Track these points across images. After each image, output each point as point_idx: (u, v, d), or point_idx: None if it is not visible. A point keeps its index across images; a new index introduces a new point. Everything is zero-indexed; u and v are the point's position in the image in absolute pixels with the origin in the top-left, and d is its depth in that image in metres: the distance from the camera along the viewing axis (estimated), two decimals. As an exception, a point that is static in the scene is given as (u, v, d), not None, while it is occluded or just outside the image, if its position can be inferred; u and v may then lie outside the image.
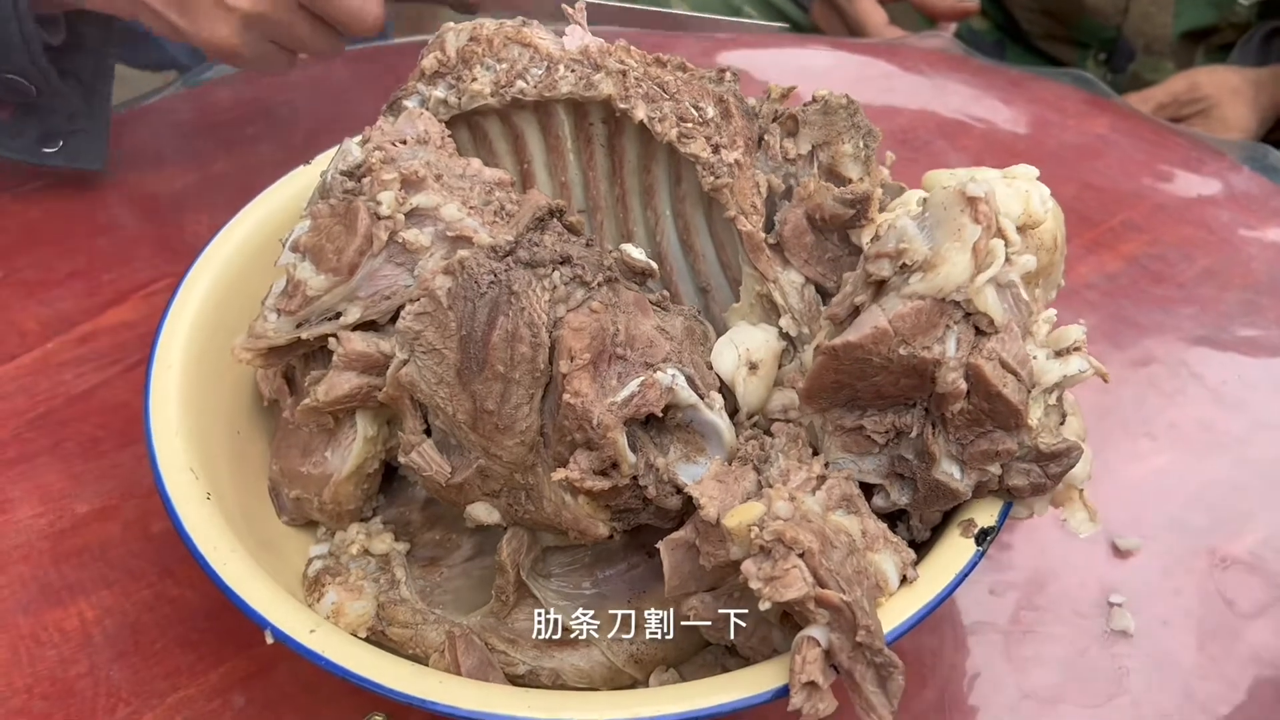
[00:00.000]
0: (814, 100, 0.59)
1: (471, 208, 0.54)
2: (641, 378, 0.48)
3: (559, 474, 0.48)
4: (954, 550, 0.50)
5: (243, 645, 0.60)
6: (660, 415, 0.49)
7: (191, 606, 0.62)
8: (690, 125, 0.56)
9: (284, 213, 0.67)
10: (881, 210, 0.56)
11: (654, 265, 0.53)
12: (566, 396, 0.47)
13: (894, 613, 0.47)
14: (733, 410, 0.54)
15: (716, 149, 0.56)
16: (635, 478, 0.49)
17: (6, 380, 0.74)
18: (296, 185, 0.68)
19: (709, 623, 0.50)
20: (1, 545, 0.65)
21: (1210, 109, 1.14)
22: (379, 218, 0.53)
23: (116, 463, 0.70)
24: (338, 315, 0.55)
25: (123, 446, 0.71)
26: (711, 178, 0.55)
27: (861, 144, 0.58)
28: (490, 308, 0.48)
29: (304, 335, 0.55)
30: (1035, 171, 0.57)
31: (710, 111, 0.57)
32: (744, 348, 0.54)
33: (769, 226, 0.57)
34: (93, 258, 0.83)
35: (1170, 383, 0.76)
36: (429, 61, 0.60)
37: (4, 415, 0.72)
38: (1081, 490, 0.52)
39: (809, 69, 1.02)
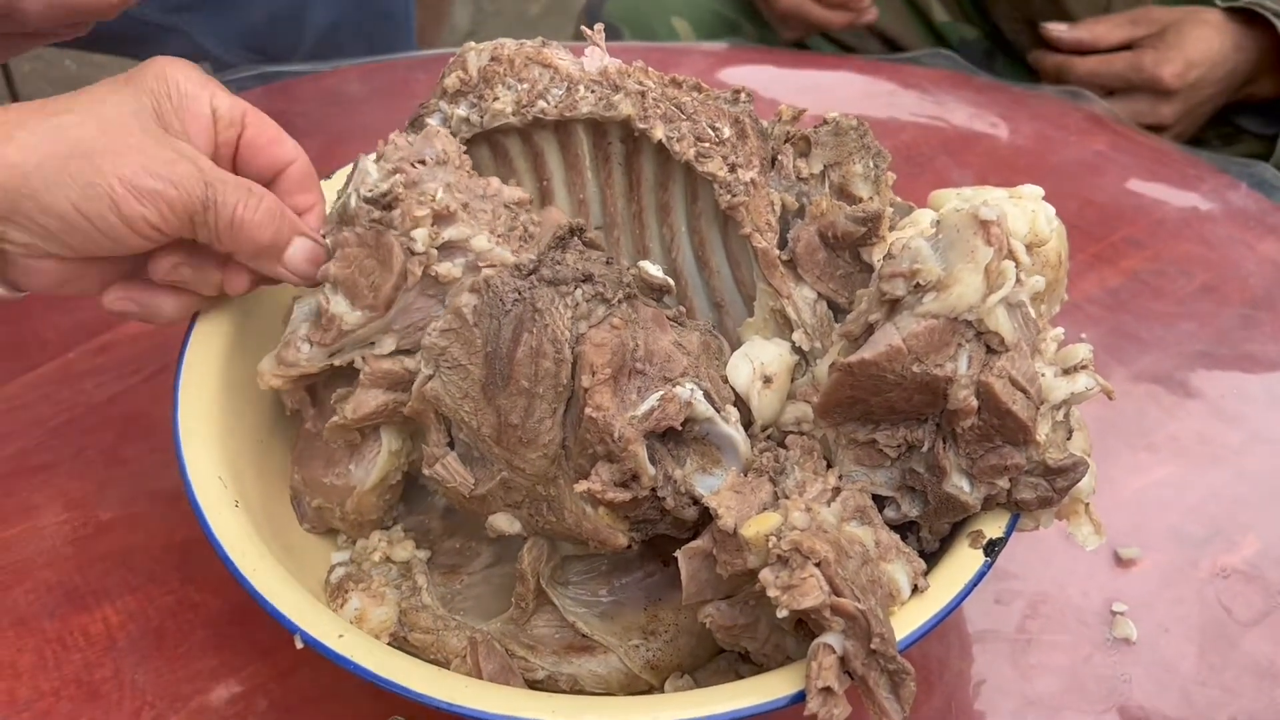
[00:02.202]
0: (825, 122, 0.60)
1: (499, 236, 0.55)
2: (661, 392, 0.50)
3: (581, 486, 0.50)
4: (963, 560, 0.51)
5: (265, 650, 0.61)
6: (678, 428, 0.50)
7: (214, 612, 0.64)
8: (707, 145, 0.57)
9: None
10: (891, 229, 0.58)
11: (671, 282, 0.55)
12: (588, 410, 0.49)
13: (906, 621, 0.49)
14: (747, 422, 0.55)
15: (733, 168, 0.57)
16: (654, 489, 0.50)
17: (29, 389, 0.76)
18: (319, 198, 0.69)
19: (725, 629, 0.52)
20: (27, 551, 0.66)
21: (1166, 30, 1.09)
22: (413, 253, 0.54)
23: (138, 470, 0.71)
24: (371, 344, 0.56)
25: (144, 454, 0.72)
26: (728, 196, 0.57)
27: (871, 164, 0.60)
28: (515, 324, 0.50)
29: (337, 363, 0.56)
30: (1041, 191, 0.59)
31: (726, 131, 0.58)
32: (758, 361, 0.55)
33: (782, 244, 0.58)
34: (112, 268, 0.84)
35: (1170, 396, 0.78)
36: (451, 80, 0.61)
37: (27, 423, 0.73)
38: (1087, 504, 0.54)
39: (814, 87, 1.04)
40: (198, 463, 0.56)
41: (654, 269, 0.55)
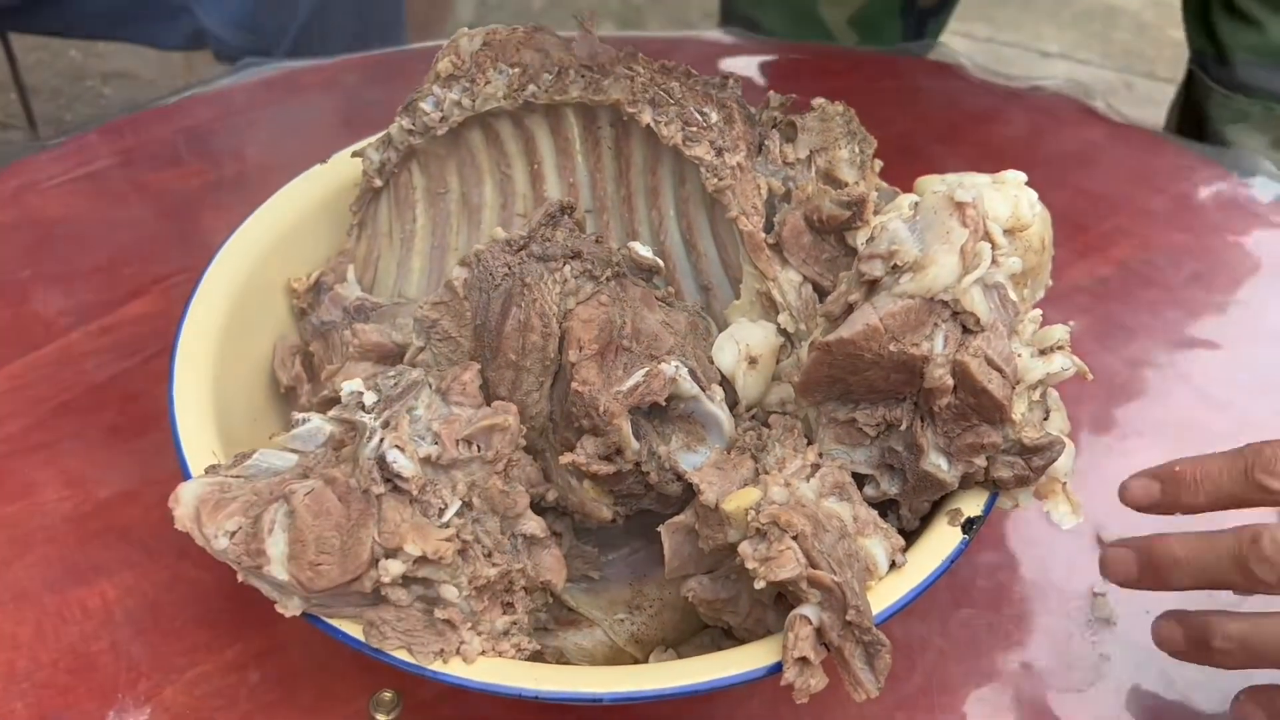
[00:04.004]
0: (812, 107, 0.61)
1: None
2: (646, 368, 0.51)
3: (566, 458, 0.51)
4: (941, 538, 0.52)
5: (258, 624, 0.62)
6: (663, 405, 0.51)
7: (208, 587, 0.65)
8: (695, 129, 0.58)
9: (304, 208, 0.69)
10: (876, 213, 0.59)
11: (660, 262, 0.56)
12: (574, 384, 0.50)
13: (883, 595, 0.50)
14: (732, 403, 0.56)
15: (720, 152, 0.58)
16: (638, 464, 0.51)
17: (31, 369, 0.77)
18: (316, 182, 0.70)
19: (707, 604, 0.53)
20: (28, 526, 0.68)
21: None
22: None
23: (136, 449, 0.72)
24: None
25: (142, 434, 0.73)
26: (715, 179, 0.58)
27: (857, 149, 0.61)
28: (504, 298, 0.51)
29: None
30: (1023, 177, 0.60)
31: (714, 116, 0.59)
32: (744, 343, 0.56)
33: (768, 227, 0.59)
34: (114, 253, 0.86)
35: (1158, 383, 0.78)
36: (444, 65, 0.62)
37: (29, 403, 0.75)
38: (1064, 483, 0.54)
39: (807, 77, 1.05)
40: (193, 441, 0.57)
41: (643, 249, 0.56)
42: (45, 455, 0.72)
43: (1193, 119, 1.15)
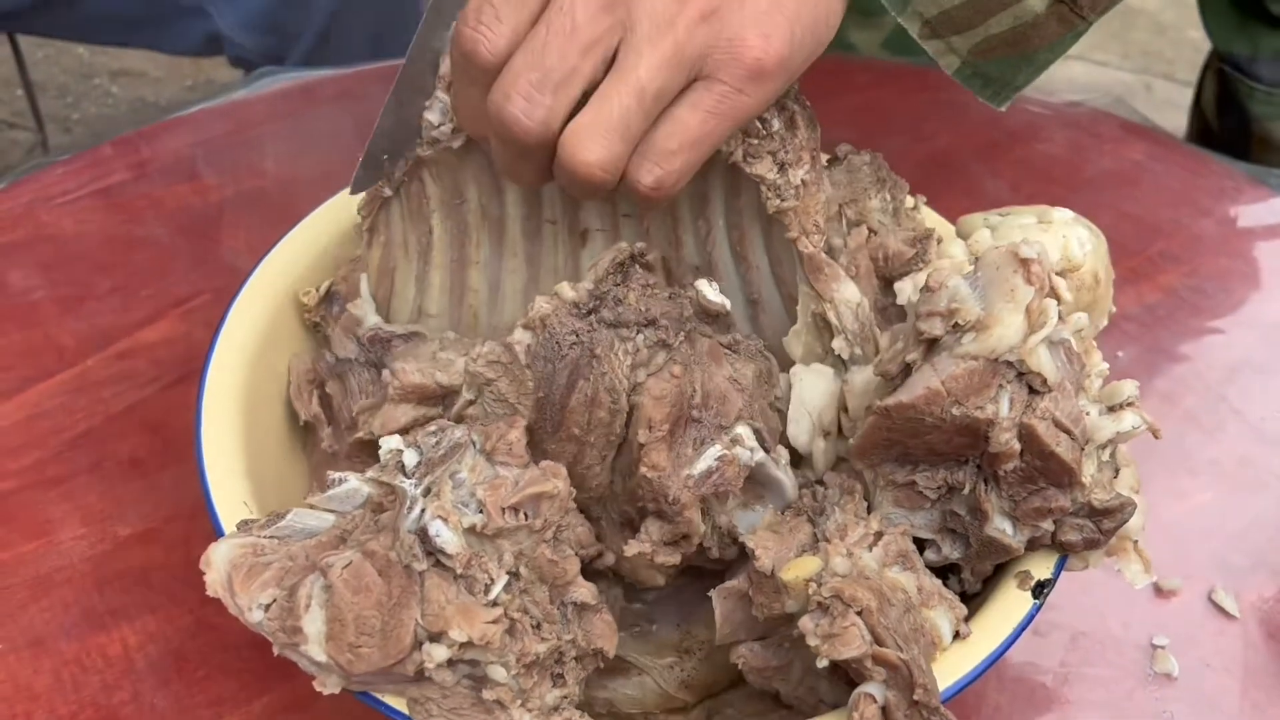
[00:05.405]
0: (835, 159, 0.58)
1: None
2: (719, 449, 0.48)
3: (631, 549, 0.49)
4: (1010, 602, 0.50)
5: (286, 675, 0.60)
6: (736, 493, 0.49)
7: (235, 634, 0.62)
8: (755, 141, 0.53)
9: (335, 233, 0.67)
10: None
11: (728, 305, 0.52)
12: (643, 469, 0.47)
13: (949, 669, 0.47)
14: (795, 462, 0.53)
15: (782, 167, 0.53)
16: (701, 543, 0.49)
17: (45, 398, 0.74)
18: (349, 205, 0.67)
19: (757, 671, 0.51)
20: (43, 568, 0.65)
21: None
22: None
23: (157, 484, 0.70)
24: None
25: (163, 467, 0.71)
26: (777, 200, 0.53)
27: (888, 196, 0.57)
28: (570, 369, 0.48)
29: None
30: (1070, 214, 0.57)
31: (775, 123, 0.54)
32: (815, 413, 0.53)
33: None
34: (130, 273, 0.83)
35: (1210, 418, 0.76)
36: (450, 66, 0.58)
37: (44, 434, 0.72)
38: (1136, 541, 0.52)
39: (835, 93, 1.02)
40: (223, 488, 0.55)
41: (712, 294, 0.52)
42: (61, 490, 0.69)
43: (1234, 119, 1.12)
